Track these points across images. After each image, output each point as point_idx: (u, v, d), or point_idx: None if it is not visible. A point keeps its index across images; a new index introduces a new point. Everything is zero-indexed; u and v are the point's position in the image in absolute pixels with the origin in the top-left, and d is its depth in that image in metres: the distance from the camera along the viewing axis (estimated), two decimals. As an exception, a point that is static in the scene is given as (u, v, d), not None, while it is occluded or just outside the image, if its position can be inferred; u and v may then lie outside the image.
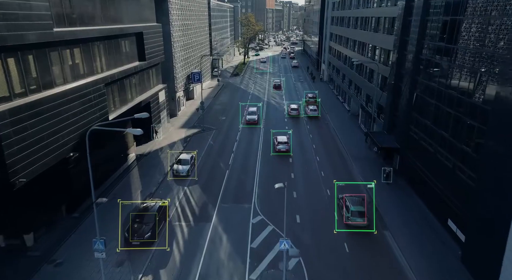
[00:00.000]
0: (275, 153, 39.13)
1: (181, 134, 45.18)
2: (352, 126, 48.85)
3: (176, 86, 53.11)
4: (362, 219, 24.56)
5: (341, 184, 31.59)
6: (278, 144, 39.45)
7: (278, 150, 38.97)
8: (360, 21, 50.07)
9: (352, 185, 31.52)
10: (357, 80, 50.44)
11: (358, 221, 24.61)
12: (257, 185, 32.13)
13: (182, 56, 56.10)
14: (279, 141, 39.76)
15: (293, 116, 53.96)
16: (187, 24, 58.66)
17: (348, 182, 32.34)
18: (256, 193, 30.61)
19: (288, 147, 39.25)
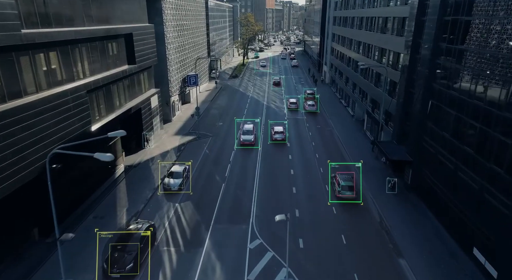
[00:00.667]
0: (272, 141, 43.00)
1: (175, 142, 42.29)
2: (357, 133, 45.96)
3: (171, 90, 50.24)
4: (351, 192, 28.67)
5: (334, 164, 35.93)
6: (275, 133, 43.08)
7: (274, 139, 42.80)
8: (365, 21, 47.21)
9: (344, 165, 35.73)
10: (362, 84, 47.59)
11: (347, 194, 28.72)
12: (255, 201, 29.26)
13: (177, 58, 53.24)
14: (276, 131, 43.36)
15: (292, 109, 57.93)
16: (182, 25, 55.78)
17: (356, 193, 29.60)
18: (254, 211, 27.73)
19: (284, 136, 42.85)
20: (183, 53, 56.58)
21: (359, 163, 35.63)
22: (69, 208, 25.89)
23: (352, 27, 56.01)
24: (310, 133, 46.21)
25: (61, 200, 22.54)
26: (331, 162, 36.77)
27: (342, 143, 42.52)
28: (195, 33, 64.63)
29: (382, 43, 39.62)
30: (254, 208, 28.22)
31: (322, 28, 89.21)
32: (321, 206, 28.55)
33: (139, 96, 38.07)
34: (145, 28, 38.86)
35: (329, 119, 52.45)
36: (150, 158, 37.25)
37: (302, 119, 52.74)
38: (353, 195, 28.63)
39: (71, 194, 25.57)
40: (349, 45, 57.74)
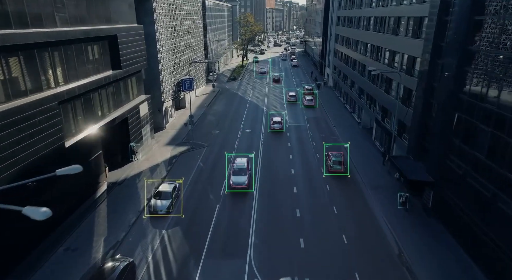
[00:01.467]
0: (271, 130, 46.94)
1: (166, 154, 38.62)
2: (365, 143, 42.27)
3: (163, 96, 46.58)
4: (340, 167, 33.66)
5: (328, 144, 41.41)
6: (274, 123, 46.94)
7: (273, 128, 46.74)
8: (374, 21, 43.57)
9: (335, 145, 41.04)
10: (370, 90, 43.94)
11: (337, 168, 33.61)
12: (254, 226, 25.61)
13: (171, 61, 49.57)
14: (274, 121, 47.23)
15: (291, 102, 62.37)
16: (177, 25, 52.13)
17: (364, 213, 25.97)
18: (252, 240, 24.06)
19: (281, 126, 46.95)
20: (177, 56, 52.92)
21: (347, 143, 41.62)
22: (38, 236, 22.27)
23: (358, 27, 52.37)
24: (314, 143, 42.52)
25: (27, 229, 18.97)
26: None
27: (349, 155, 38.85)
28: (191, 34, 60.98)
29: (394, 45, 35.95)
30: (252, 235, 24.57)
31: (324, 29, 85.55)
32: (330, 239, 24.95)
33: (125, 105, 34.40)
34: (132, 29, 35.20)
35: (334, 127, 48.78)
36: (137, 173, 33.57)
37: (305, 127, 49.09)
38: (342, 169, 33.84)
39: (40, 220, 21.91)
40: (354, 47, 54.12)
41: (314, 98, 61.14)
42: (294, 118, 53.04)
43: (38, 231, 22.10)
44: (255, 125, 49.59)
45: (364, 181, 32.71)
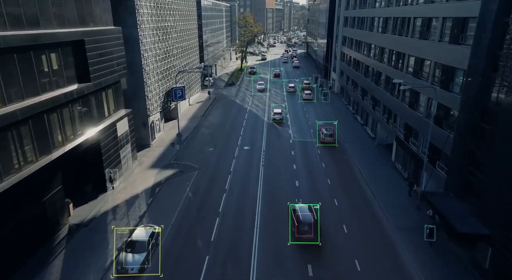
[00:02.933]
0: (273, 120, 50.52)
1: (149, 180, 32.53)
2: (383, 165, 36.13)
3: (149, 108, 40.46)
4: (330, 138, 41.50)
5: (321, 122, 48.09)
6: (275, 114, 50.72)
7: (273, 119, 50.58)
8: (393, 23, 37.45)
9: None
10: (389, 102, 37.86)
11: (327, 139, 41.45)
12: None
13: (159, 67, 43.44)
14: (275, 112, 51.17)
15: (290, 92, 69.52)
16: (166, 27, 46.04)
17: (395, 270, 19.94)
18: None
19: (282, 116, 50.74)
20: (167, 61, 46.79)
21: (335, 122, 48.85)
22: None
23: (371, 29, 46.26)
24: (323, 165, 36.41)
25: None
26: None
27: (366, 180, 32.80)
28: (184, 36, 54.90)
29: (422, 52, 29.82)
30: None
31: (329, 30, 79.46)
32: None
33: (98, 124, 28.31)
34: (107, 32, 29.12)
35: (345, 143, 42.66)
36: (111, 208, 27.46)
37: (312, 143, 42.97)
38: (332, 140, 41.58)
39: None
40: (367, 52, 48.00)
41: (312, 92, 66.35)
42: (300, 134, 46.91)
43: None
44: (255, 141, 43.48)
45: (388, 217, 26.63)
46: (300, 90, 68.56)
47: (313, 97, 63.63)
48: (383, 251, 23.11)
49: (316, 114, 55.03)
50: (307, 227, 23.52)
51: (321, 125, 46.46)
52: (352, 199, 29.72)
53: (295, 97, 65.81)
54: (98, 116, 28.77)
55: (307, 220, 23.84)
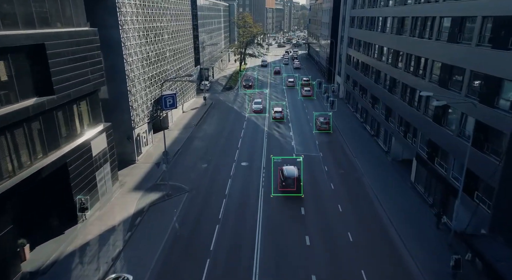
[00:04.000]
0: (273, 119, 51.03)
1: (130, 207, 27.86)
2: (402, 187, 31.41)
3: (134, 120, 35.77)
4: (326, 126, 46.45)
5: (317, 113, 52.66)
6: (275, 112, 51.14)
7: (274, 117, 50.78)
8: (412, 23, 32.76)
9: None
10: (406, 114, 33.24)
11: (324, 127, 46.43)
12: None
13: (146, 73, 38.76)
14: (276, 110, 51.60)
15: (290, 87, 74.37)
16: (155, 27, 41.37)
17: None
18: None
19: (282, 115, 51.09)
20: (157, 66, 42.10)
21: (330, 113, 53.20)
22: None
23: (383, 30, 41.60)
24: (333, 186, 31.76)
25: None
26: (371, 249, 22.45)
27: (383, 205, 28.17)
28: (177, 38, 50.23)
29: (453, 58, 25.14)
30: None
31: (333, 30, 74.91)
32: None
33: (65, 145, 23.66)
34: (77, 35, 24.48)
35: (355, 158, 38.01)
36: (79, 248, 22.78)
37: (318, 157, 38.35)
38: (327, 127, 46.09)
39: None
40: (378, 55, 43.33)
41: (312, 89, 68.24)
42: (304, 145, 42.24)
43: None
44: (254, 155, 38.82)
45: (414, 258, 21.98)
46: (300, 87, 71.82)
47: (312, 94, 66.45)
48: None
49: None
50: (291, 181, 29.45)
51: (318, 115, 51.21)
52: (368, 231, 25.06)
53: (295, 98, 61.90)
54: (67, 135, 24.11)
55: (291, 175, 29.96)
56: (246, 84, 74.43)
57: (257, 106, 55.78)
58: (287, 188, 29.53)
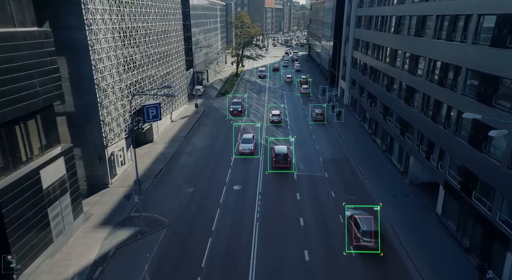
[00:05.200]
0: (271, 123, 48.22)
1: (92, 251, 22.44)
2: (426, 222, 25.92)
3: (106, 137, 30.34)
4: (321, 117, 48.85)
5: (312, 104, 56.97)
6: (273, 116, 48.54)
7: (272, 121, 48.29)
8: (437, 23, 27.36)
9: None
10: (431, 132, 27.87)
11: (319, 118, 48.55)
12: None
13: (124, 81, 33.34)
14: (273, 114, 49.04)
15: (288, 83, 76.96)
16: (135, 28, 35.99)
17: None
18: None
19: (280, 118, 48.58)
20: (138, 72, 36.71)
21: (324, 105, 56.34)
22: None
23: (397, 32, 36.19)
24: (341, 218, 26.35)
25: None
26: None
27: (404, 244, 22.79)
28: (164, 40, 44.86)
29: (496, 67, 19.75)
30: None
31: (336, 31, 69.46)
32: None
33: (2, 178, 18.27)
34: (17, 37, 19.08)
35: (366, 179, 32.62)
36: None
37: (322, 178, 32.98)
38: (322, 118, 49.15)
39: None
40: (390, 60, 37.92)
41: (309, 86, 69.50)
42: (307, 164, 36.83)
43: None
44: (248, 175, 33.45)
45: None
46: (298, 85, 73.37)
47: (309, 92, 67.16)
48: None
49: (327, 139, 44.92)
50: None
51: (313, 106, 54.37)
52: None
53: (294, 99, 56.33)
54: (3, 166, 18.70)
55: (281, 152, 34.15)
56: (235, 109, 52.90)
57: (246, 146, 38.18)
58: (279, 165, 34.22)
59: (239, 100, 56.05)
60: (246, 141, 39.17)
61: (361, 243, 21.96)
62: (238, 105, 53.78)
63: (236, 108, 53.30)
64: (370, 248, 21.77)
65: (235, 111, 52.88)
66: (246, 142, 38.98)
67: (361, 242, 21.99)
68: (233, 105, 54.21)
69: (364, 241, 21.90)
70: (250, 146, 38.33)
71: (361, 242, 21.99)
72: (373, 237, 21.75)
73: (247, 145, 38.47)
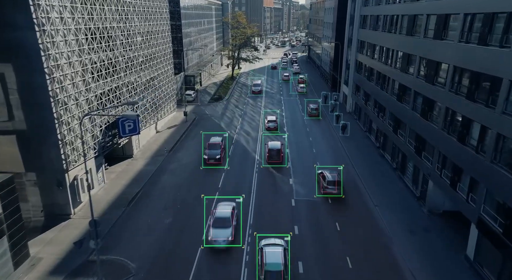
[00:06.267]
0: (267, 130, 45.27)
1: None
2: (456, 266, 21.05)
3: (66, 159, 25.38)
4: (316, 112, 51.16)
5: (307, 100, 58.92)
6: (269, 122, 45.95)
7: (268, 127, 45.53)
8: (466, 24, 22.52)
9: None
10: (454, 154, 23.06)
11: (313, 112, 50.96)
12: None
13: (92, 90, 28.42)
14: (269, 120, 46.37)
15: (285, 81, 78.53)
16: (109, 29, 31.13)
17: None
18: None
19: (276, 124, 45.81)
20: (112, 79, 31.82)
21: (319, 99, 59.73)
22: None
23: (412, 34, 31.31)
24: (350, 264, 21.46)
25: None
26: None
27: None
28: (148, 42, 40.02)
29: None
30: None
31: (338, 32, 64.69)
32: None
33: None
34: None
35: (376, 206, 27.75)
36: None
37: (325, 203, 28.12)
38: (317, 113, 51.18)
39: None
40: (403, 66, 33.02)
41: (306, 85, 71.00)
42: (306, 186, 31.96)
43: None
44: (239, 203, 28.53)
45: None
46: (296, 83, 74.41)
47: (306, 91, 68.10)
48: None
49: (333, 155, 40.10)
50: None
51: (308, 102, 56.57)
52: None
53: (293, 101, 51.46)
54: None
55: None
56: (211, 156, 35.15)
57: (221, 233, 23.17)
58: (273, 160, 34.61)
59: (219, 142, 36.98)
60: (218, 221, 23.81)
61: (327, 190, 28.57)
62: (216, 151, 35.57)
63: (213, 155, 35.05)
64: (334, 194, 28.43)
65: (211, 159, 34.84)
66: (218, 223, 23.68)
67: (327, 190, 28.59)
68: (209, 150, 35.61)
69: (329, 189, 28.62)
70: (227, 238, 22.83)
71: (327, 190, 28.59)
72: (336, 185, 28.45)
73: (220, 233, 23.16)
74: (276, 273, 18.55)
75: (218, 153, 35.60)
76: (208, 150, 35.98)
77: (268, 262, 19.07)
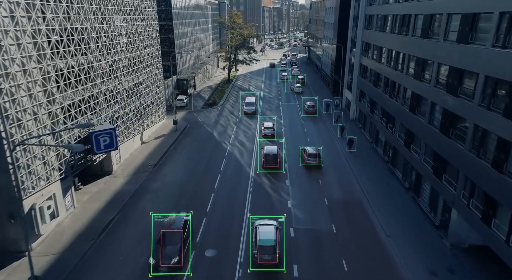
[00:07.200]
0: (263, 136, 42.77)
1: None
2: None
3: (21, 186, 21.31)
4: (313, 109, 52.05)
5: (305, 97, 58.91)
6: (265, 129, 43.40)
7: (264, 134, 42.98)
8: (500, 25, 18.52)
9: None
10: (485, 181, 19.09)
11: (310, 110, 52.05)
12: None
13: (56, 102, 24.34)
14: (266, 126, 43.80)
15: (284, 80, 78.66)
16: (77, 31, 27.07)
17: None
18: None
19: (273, 131, 43.20)
20: (84, 88, 27.77)
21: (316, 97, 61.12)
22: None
23: (426, 36, 27.26)
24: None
25: None
26: None
27: None
28: (132, 44, 35.98)
29: None
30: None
31: (340, 33, 60.76)
32: None
33: None
34: None
35: (388, 237, 23.69)
36: None
37: (329, 231, 24.08)
38: (313, 111, 51.95)
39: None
40: (417, 73, 28.94)
41: (303, 84, 72.67)
42: (307, 213, 27.91)
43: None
44: (229, 231, 24.50)
45: None
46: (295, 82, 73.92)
47: (303, 90, 68.41)
48: None
49: (338, 176, 36.08)
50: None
51: (305, 99, 57.34)
52: None
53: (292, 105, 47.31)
54: None
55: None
56: (165, 260, 20.32)
57: None
58: (269, 165, 33.58)
59: (179, 229, 21.82)
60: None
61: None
62: (175, 246, 20.79)
63: (170, 255, 20.48)
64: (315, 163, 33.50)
65: (165, 262, 20.47)
66: None
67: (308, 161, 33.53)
68: (165, 247, 20.89)
69: (310, 160, 33.99)
70: None
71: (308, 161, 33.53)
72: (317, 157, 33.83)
73: None
74: (269, 247, 20.21)
75: (176, 259, 20.34)
76: (162, 246, 20.75)
77: (262, 238, 20.64)
